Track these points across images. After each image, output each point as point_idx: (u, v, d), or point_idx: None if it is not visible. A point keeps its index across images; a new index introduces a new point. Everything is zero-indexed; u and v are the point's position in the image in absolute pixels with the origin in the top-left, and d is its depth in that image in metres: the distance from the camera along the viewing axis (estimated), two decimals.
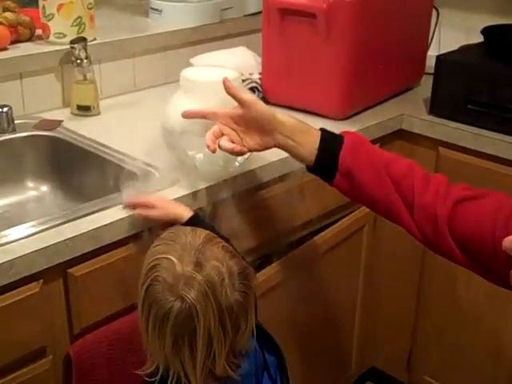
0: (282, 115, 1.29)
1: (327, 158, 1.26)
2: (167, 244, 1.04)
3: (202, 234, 1.06)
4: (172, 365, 1.03)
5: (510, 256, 0.98)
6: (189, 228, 1.08)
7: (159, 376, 1.05)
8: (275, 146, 1.31)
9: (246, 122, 1.30)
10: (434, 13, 2.10)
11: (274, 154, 1.55)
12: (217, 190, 1.43)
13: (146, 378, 1.08)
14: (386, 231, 1.99)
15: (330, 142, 1.27)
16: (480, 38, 1.87)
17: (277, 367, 1.20)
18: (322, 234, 1.75)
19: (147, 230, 1.31)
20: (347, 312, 1.98)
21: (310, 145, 1.27)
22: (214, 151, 1.27)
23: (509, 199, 1.18)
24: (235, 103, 1.31)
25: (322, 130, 1.29)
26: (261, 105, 1.29)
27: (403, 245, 1.98)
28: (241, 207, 1.47)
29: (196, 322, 0.98)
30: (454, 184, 1.23)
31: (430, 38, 2.11)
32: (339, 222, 1.80)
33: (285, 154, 1.55)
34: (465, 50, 1.93)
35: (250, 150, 1.32)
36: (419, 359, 2.06)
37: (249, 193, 1.51)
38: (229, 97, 1.40)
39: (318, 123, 1.75)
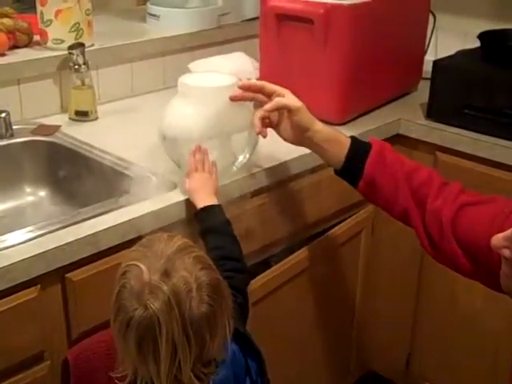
0: (319, 125, 1.39)
1: (354, 166, 1.36)
2: (140, 251, 1.04)
3: (177, 242, 1.05)
4: (139, 370, 1.03)
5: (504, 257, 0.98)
6: (166, 235, 1.07)
7: (127, 381, 1.05)
8: (307, 147, 1.43)
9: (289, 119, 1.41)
10: (431, 18, 2.10)
11: (272, 160, 1.56)
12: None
13: (117, 382, 1.07)
14: (385, 235, 1.99)
15: (357, 152, 1.36)
16: (477, 43, 1.87)
17: (257, 371, 1.20)
18: (321, 238, 1.75)
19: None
20: (345, 315, 1.99)
21: (340, 152, 1.37)
22: (265, 137, 1.41)
23: (511, 203, 1.19)
24: (234, 110, 1.34)
25: (352, 139, 1.38)
26: (304, 113, 1.40)
27: (402, 249, 1.98)
28: (239, 211, 1.47)
29: (157, 332, 0.97)
30: (465, 190, 1.28)
31: (426, 42, 2.11)
32: (337, 227, 1.80)
33: (284, 159, 1.57)
34: (461, 54, 1.93)
35: (283, 138, 1.43)
36: (418, 363, 2.06)
37: (247, 197, 1.51)
38: (227, 103, 1.41)
39: None
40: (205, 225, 1.31)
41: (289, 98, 1.41)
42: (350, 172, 1.37)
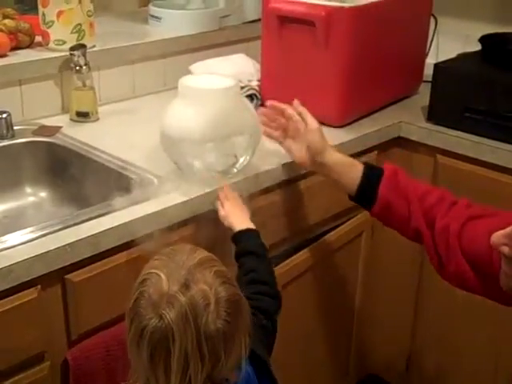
0: (330, 152, 1.43)
1: (368, 191, 1.38)
2: (162, 260, 1.03)
3: (199, 255, 1.04)
4: (150, 380, 1.01)
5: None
6: (189, 247, 1.06)
7: None
8: (319, 172, 1.48)
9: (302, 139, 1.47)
10: (433, 21, 2.10)
11: (272, 162, 1.56)
12: (215, 196, 1.43)
13: None
14: (385, 237, 1.99)
15: (371, 176, 1.38)
16: (478, 46, 1.87)
17: None
18: (320, 240, 1.75)
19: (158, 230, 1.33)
20: (345, 318, 1.99)
21: (354, 177, 1.40)
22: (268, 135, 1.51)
23: None
24: (233, 112, 1.35)
25: (365, 164, 1.41)
26: (318, 135, 1.45)
27: (402, 251, 1.98)
28: None
29: (171, 343, 0.96)
30: (472, 205, 1.31)
31: (428, 45, 2.11)
32: (337, 229, 1.80)
33: (284, 161, 1.57)
34: (463, 57, 1.93)
35: (295, 158, 1.51)
36: (417, 366, 2.06)
37: (247, 199, 1.51)
38: (227, 105, 1.41)
39: None
40: (241, 247, 1.33)
41: (309, 116, 1.46)
42: (364, 196, 1.39)
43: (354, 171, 1.40)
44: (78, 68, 1.74)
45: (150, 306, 0.98)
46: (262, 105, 1.88)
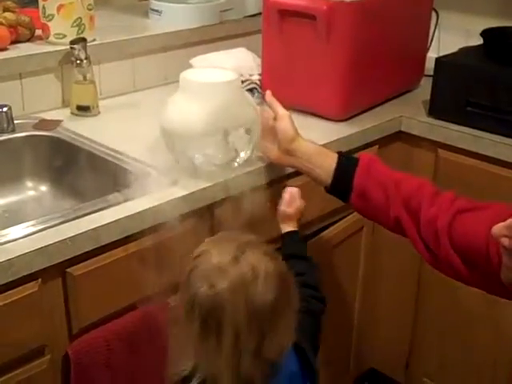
0: (301, 140, 1.39)
1: (343, 180, 1.34)
2: (215, 240, 1.10)
3: (249, 236, 1.10)
4: (199, 359, 1.04)
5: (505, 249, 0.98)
6: (238, 231, 1.13)
7: (182, 375, 1.06)
8: (293, 167, 1.44)
9: (274, 133, 1.43)
10: (434, 15, 2.10)
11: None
12: (215, 191, 1.43)
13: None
14: (385, 233, 1.98)
15: (345, 165, 1.35)
16: (479, 41, 1.87)
17: None
18: (321, 235, 1.75)
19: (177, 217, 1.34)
20: (346, 313, 1.99)
21: (327, 168, 1.36)
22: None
23: (509, 209, 1.18)
24: (234, 106, 1.34)
25: (339, 154, 1.37)
26: (286, 123, 1.41)
27: (402, 246, 1.97)
28: (240, 207, 1.47)
29: (222, 313, 0.99)
30: (459, 198, 1.27)
31: (429, 40, 2.11)
32: (337, 224, 1.80)
33: None
34: (464, 52, 1.93)
35: (268, 156, 1.46)
36: (418, 361, 2.06)
37: (248, 194, 1.51)
38: (228, 99, 1.41)
39: (317, 124, 1.78)
40: (291, 249, 1.36)
41: (278, 104, 1.45)
42: (340, 186, 1.36)
43: (327, 161, 1.36)
44: (78, 62, 1.74)
45: (201, 277, 1.02)
46: (263, 99, 1.88)
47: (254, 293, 1.00)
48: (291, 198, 1.38)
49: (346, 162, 1.36)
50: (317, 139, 1.66)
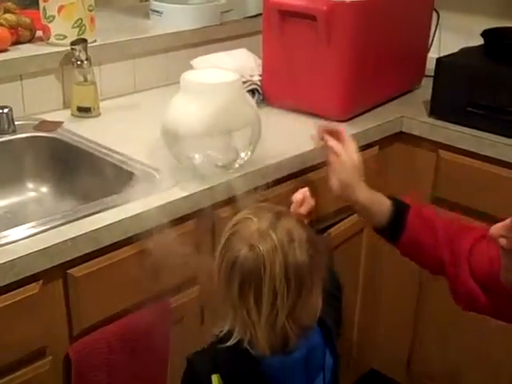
0: (361, 190, 1.40)
1: (397, 223, 1.37)
2: (251, 210, 1.15)
3: (282, 208, 1.18)
4: (239, 316, 1.09)
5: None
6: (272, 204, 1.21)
7: (226, 330, 1.13)
8: (350, 203, 1.44)
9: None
10: (435, 15, 2.10)
11: (274, 157, 1.56)
12: (217, 192, 1.43)
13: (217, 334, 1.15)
14: None
15: (399, 209, 1.38)
16: (480, 41, 1.87)
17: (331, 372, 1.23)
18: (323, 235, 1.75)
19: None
20: (347, 314, 1.98)
21: (382, 214, 1.38)
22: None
23: None
24: (235, 106, 1.33)
25: (392, 199, 1.40)
26: (350, 172, 1.41)
27: None
28: (241, 208, 1.47)
29: (262, 272, 1.05)
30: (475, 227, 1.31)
31: (430, 40, 2.11)
32: (338, 225, 1.80)
33: (286, 156, 1.57)
34: (465, 52, 1.93)
35: (332, 184, 1.44)
36: (419, 362, 2.06)
37: (250, 194, 1.51)
38: (229, 99, 1.41)
39: (318, 125, 1.77)
40: None
41: (350, 147, 1.43)
42: (393, 228, 1.38)
43: (382, 208, 1.39)
44: (79, 63, 1.74)
45: (242, 241, 1.08)
46: (264, 100, 1.88)
47: (291, 255, 1.07)
48: (304, 198, 1.38)
49: (399, 205, 1.39)
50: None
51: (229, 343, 1.11)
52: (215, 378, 1.11)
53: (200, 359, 1.14)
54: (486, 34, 1.85)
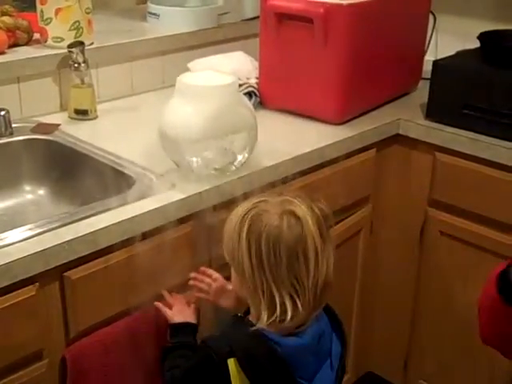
0: None
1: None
2: (258, 197, 1.18)
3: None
4: (288, 288, 1.11)
5: None
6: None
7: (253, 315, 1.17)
8: None
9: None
10: (431, 18, 2.10)
11: (270, 159, 1.56)
12: (213, 194, 1.43)
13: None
14: (383, 235, 1.99)
15: None
16: (476, 44, 1.87)
17: (339, 358, 1.25)
18: None
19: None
20: (343, 316, 1.97)
21: None
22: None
23: None
24: (232, 109, 1.33)
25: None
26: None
27: (400, 249, 1.98)
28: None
29: (304, 229, 1.11)
30: None
31: (426, 43, 2.11)
32: (336, 226, 1.80)
33: (282, 159, 1.57)
34: (461, 55, 1.93)
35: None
36: (416, 364, 2.06)
37: (246, 197, 1.51)
38: (226, 102, 1.41)
39: (315, 128, 1.78)
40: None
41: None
42: None
43: None
44: (76, 65, 1.74)
45: (270, 216, 1.11)
46: (260, 102, 1.89)
47: (316, 209, 1.13)
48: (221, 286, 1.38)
49: None
50: (314, 143, 1.67)
51: (262, 325, 1.12)
52: (231, 362, 1.11)
53: (216, 343, 1.14)
54: (482, 36, 1.85)
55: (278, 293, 1.11)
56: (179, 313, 1.35)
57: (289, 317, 1.11)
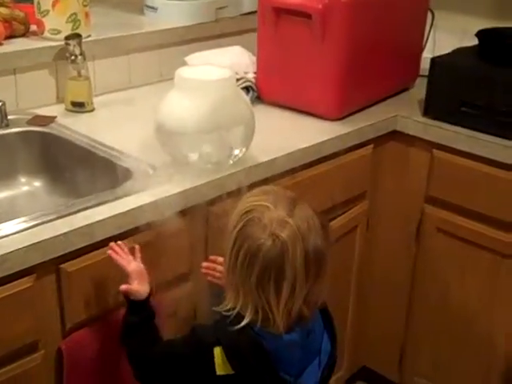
0: None
1: None
2: (261, 195, 1.15)
3: (291, 193, 1.18)
4: (254, 299, 1.11)
5: None
6: (278, 187, 1.24)
7: (236, 311, 1.13)
8: None
9: None
10: (429, 15, 2.10)
11: (267, 154, 1.56)
12: (210, 188, 1.43)
13: (223, 313, 1.15)
14: (379, 232, 1.99)
15: None
16: (474, 41, 1.87)
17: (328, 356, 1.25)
18: None
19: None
20: (339, 311, 1.97)
21: None
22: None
23: None
24: (229, 103, 1.33)
25: None
26: None
27: (396, 246, 1.98)
28: (234, 205, 1.47)
29: (286, 259, 1.08)
30: None
31: (424, 40, 2.11)
32: (331, 223, 1.80)
33: (279, 154, 1.57)
34: (459, 52, 1.93)
35: None
36: (411, 359, 2.06)
37: (243, 191, 1.50)
38: (223, 96, 1.41)
39: (312, 123, 1.78)
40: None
41: None
42: None
43: None
44: (73, 58, 1.73)
45: (261, 229, 1.09)
46: (258, 97, 1.88)
47: (311, 241, 1.10)
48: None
49: None
50: (311, 138, 1.67)
51: (242, 324, 1.11)
52: (217, 350, 1.12)
53: (203, 331, 1.16)
54: (480, 34, 1.85)
55: (246, 299, 1.12)
56: (139, 279, 1.27)
57: (258, 323, 1.12)
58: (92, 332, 1.30)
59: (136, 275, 1.26)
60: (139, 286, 1.26)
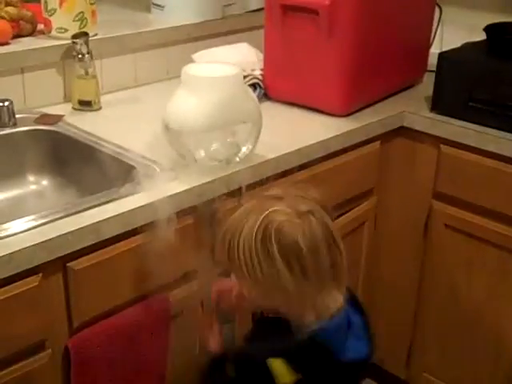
0: None
1: None
2: (281, 195, 1.16)
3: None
4: (297, 297, 1.11)
5: None
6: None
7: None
8: None
9: None
10: (437, 10, 2.09)
11: (274, 151, 1.56)
12: (217, 185, 1.43)
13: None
14: (387, 228, 1.99)
15: None
16: (482, 36, 1.86)
17: (363, 327, 1.27)
18: None
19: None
20: None
21: None
22: None
23: None
24: (236, 101, 1.32)
25: None
26: None
27: (404, 242, 1.98)
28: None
29: (319, 249, 1.11)
30: None
31: (432, 35, 2.10)
32: (339, 219, 1.79)
33: (286, 151, 1.56)
34: (467, 47, 1.92)
35: None
36: (418, 356, 2.06)
37: (250, 188, 1.51)
38: (230, 93, 1.41)
39: (319, 120, 1.78)
40: None
41: None
42: None
43: None
44: (80, 56, 1.73)
45: (290, 228, 1.09)
46: (265, 94, 1.88)
47: (330, 222, 1.15)
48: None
49: None
50: (318, 135, 1.67)
51: (311, 328, 1.12)
52: (275, 361, 1.11)
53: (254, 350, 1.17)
54: (488, 29, 1.84)
55: (302, 301, 1.13)
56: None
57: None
58: (99, 330, 1.30)
59: None
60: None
